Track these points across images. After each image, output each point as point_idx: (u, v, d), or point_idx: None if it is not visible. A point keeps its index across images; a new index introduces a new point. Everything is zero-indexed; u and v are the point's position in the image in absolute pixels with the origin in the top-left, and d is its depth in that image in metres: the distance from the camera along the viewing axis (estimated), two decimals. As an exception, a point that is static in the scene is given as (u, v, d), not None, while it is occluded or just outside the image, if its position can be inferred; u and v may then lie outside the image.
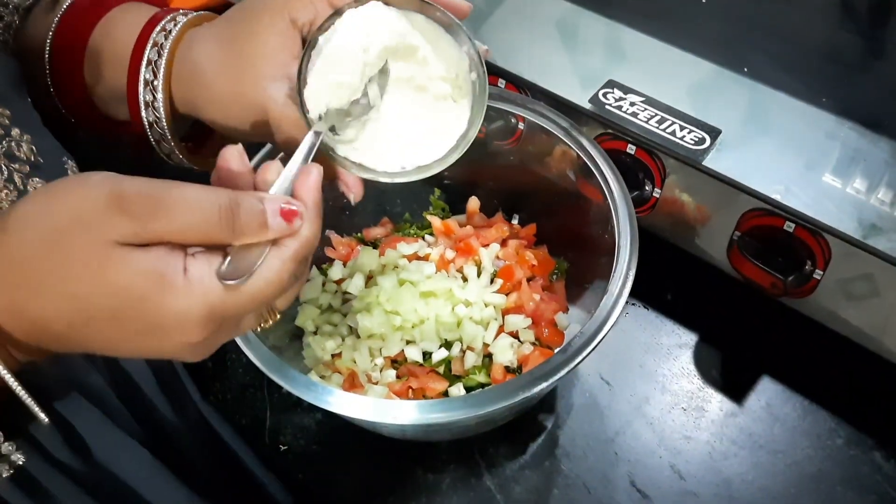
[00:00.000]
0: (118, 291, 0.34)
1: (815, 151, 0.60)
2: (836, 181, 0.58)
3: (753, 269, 0.60)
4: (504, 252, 0.64)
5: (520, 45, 0.70)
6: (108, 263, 0.33)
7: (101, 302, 0.34)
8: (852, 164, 0.58)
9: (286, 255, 0.37)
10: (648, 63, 0.68)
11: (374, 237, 0.68)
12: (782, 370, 0.63)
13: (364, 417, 0.47)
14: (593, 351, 0.48)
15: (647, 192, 0.65)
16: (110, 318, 0.34)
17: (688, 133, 0.61)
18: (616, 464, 0.59)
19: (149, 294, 0.34)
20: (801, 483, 0.58)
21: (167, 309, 0.34)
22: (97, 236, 0.33)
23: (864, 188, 0.57)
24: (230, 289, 0.35)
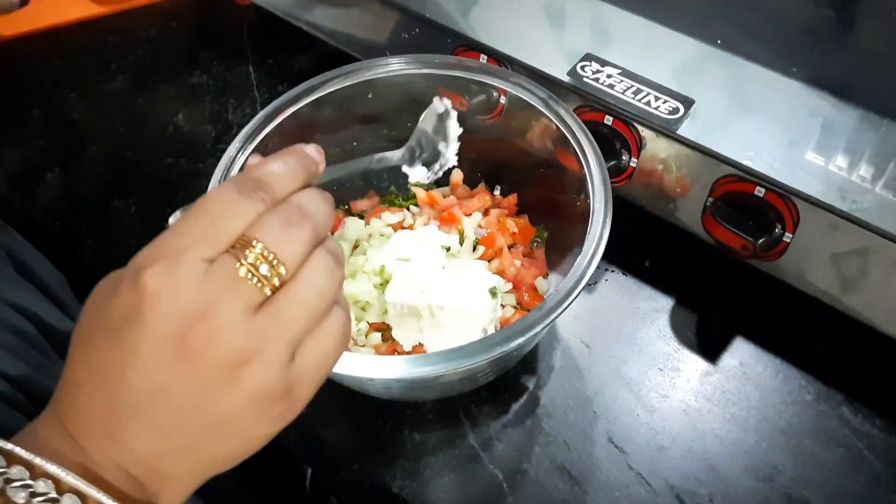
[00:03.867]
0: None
1: (786, 119, 0.62)
2: (805, 146, 0.60)
3: (725, 232, 0.62)
4: (486, 221, 0.66)
5: (503, 23, 0.72)
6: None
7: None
8: (822, 131, 0.61)
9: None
10: (625, 37, 0.70)
11: (361, 209, 0.70)
12: (754, 331, 0.66)
13: (350, 373, 0.49)
14: (568, 308, 0.50)
15: (625, 161, 0.67)
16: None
17: (662, 103, 0.63)
18: (595, 422, 0.62)
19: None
20: (772, 437, 0.60)
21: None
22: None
23: (833, 153, 0.59)
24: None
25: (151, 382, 0.32)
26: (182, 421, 0.33)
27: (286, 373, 0.33)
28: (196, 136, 0.85)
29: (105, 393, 0.32)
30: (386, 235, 0.65)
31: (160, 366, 0.31)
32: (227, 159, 0.60)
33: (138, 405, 0.32)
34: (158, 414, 0.32)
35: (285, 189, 0.35)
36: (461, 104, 0.69)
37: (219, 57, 0.93)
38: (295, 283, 0.33)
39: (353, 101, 0.67)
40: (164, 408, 0.32)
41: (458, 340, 0.58)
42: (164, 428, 0.33)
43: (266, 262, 0.32)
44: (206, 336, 0.31)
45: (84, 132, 0.87)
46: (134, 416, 0.32)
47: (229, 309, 0.31)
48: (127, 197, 0.80)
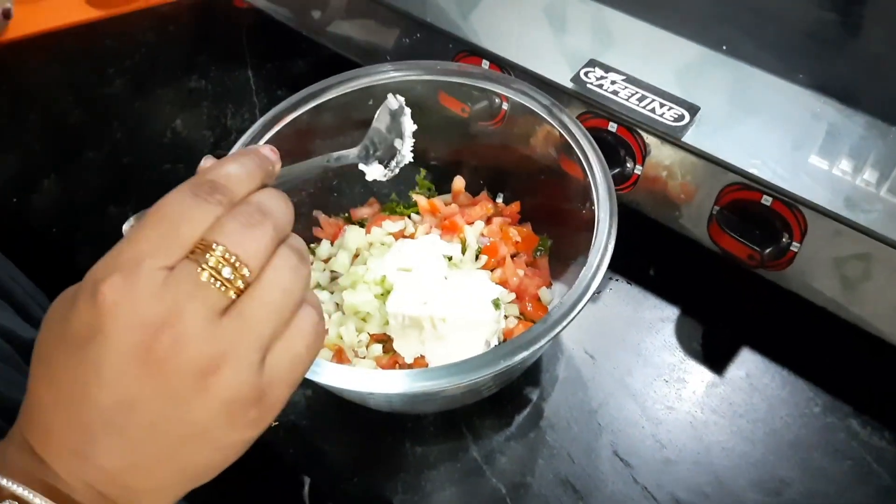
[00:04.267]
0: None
1: (792, 126, 0.61)
2: (812, 154, 0.59)
3: (731, 241, 0.61)
4: (488, 229, 0.65)
5: (503, 26, 0.71)
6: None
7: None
8: (828, 139, 0.60)
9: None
10: (629, 42, 0.69)
11: (361, 217, 0.69)
12: (761, 341, 0.65)
13: (352, 388, 0.48)
14: (573, 320, 0.49)
15: (629, 169, 0.66)
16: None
17: (667, 110, 0.63)
18: (599, 434, 0.61)
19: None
20: (779, 450, 0.59)
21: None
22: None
23: (840, 160, 0.58)
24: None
25: (118, 397, 0.30)
26: (152, 434, 0.31)
27: (257, 377, 0.32)
28: (194, 141, 0.84)
29: (71, 411, 0.31)
30: (387, 244, 0.64)
31: (126, 379, 0.30)
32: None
33: (106, 421, 0.31)
34: (127, 428, 0.31)
35: (242, 190, 0.34)
36: (463, 111, 0.68)
37: (217, 61, 0.92)
38: (259, 284, 0.32)
39: (352, 107, 0.66)
40: (133, 422, 0.31)
41: (461, 352, 0.57)
42: (134, 442, 0.31)
43: (228, 265, 0.31)
44: (172, 345, 0.30)
45: (81, 137, 0.86)
46: (102, 432, 0.31)
47: (193, 315, 0.30)
48: (124, 203, 0.79)
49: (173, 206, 0.32)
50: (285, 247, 0.34)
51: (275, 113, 0.62)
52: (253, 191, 0.34)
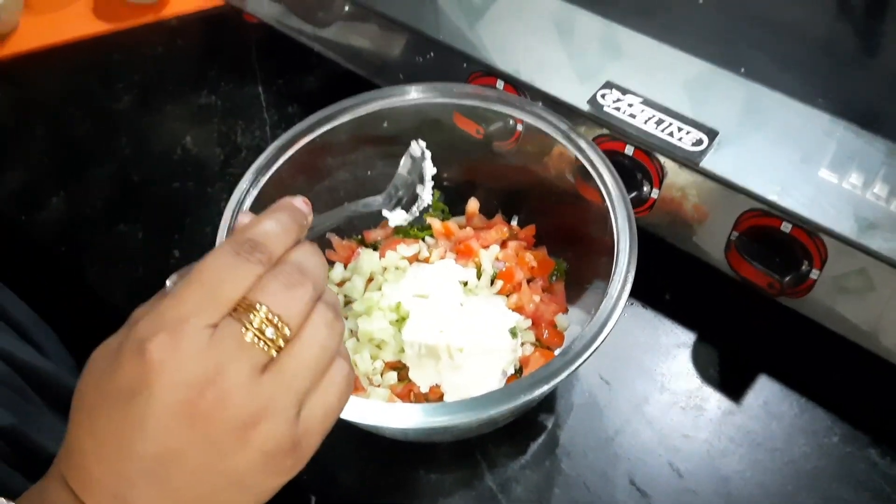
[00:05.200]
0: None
1: (811, 151, 0.60)
2: (832, 180, 0.58)
3: (751, 269, 0.60)
4: (504, 254, 0.64)
5: (518, 46, 0.70)
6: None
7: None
8: (848, 164, 0.59)
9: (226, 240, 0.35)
10: (646, 63, 0.68)
11: (375, 239, 0.68)
12: (779, 368, 0.64)
13: (367, 422, 0.47)
14: (593, 354, 0.49)
15: (646, 192, 0.65)
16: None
17: (685, 134, 0.62)
18: (616, 463, 0.60)
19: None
20: (797, 480, 0.58)
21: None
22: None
23: (860, 187, 0.57)
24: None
25: (161, 449, 0.32)
26: (194, 482, 0.33)
27: (294, 428, 0.33)
28: (204, 158, 0.83)
29: (113, 460, 0.32)
30: (401, 269, 0.63)
31: (170, 433, 0.31)
32: (239, 193, 0.59)
33: (148, 470, 0.32)
34: (170, 477, 0.32)
35: (281, 247, 0.35)
36: (477, 132, 0.68)
37: (227, 76, 0.91)
38: (299, 342, 0.34)
39: (367, 128, 0.65)
40: (176, 471, 0.32)
41: (477, 382, 0.56)
42: (174, 491, 0.33)
43: (271, 325, 0.33)
44: (216, 401, 0.31)
45: (89, 153, 0.85)
46: (144, 481, 0.32)
47: (237, 374, 0.32)
48: (134, 221, 0.78)
49: (216, 265, 0.33)
50: (322, 303, 0.35)
51: (289, 137, 0.61)
52: (291, 246, 0.36)
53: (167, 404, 0.31)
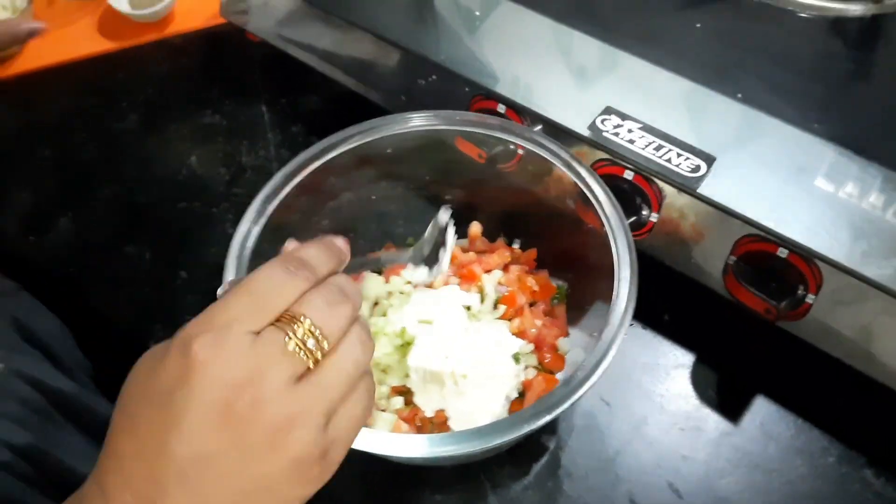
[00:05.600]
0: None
1: (807, 177, 0.61)
2: (827, 206, 0.59)
3: (748, 295, 0.61)
4: (506, 278, 0.66)
5: (519, 70, 0.71)
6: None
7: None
8: (843, 189, 0.60)
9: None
10: (644, 87, 0.69)
11: (378, 262, 0.70)
12: (776, 390, 0.65)
13: (374, 451, 0.48)
14: (595, 383, 0.50)
15: (644, 216, 0.67)
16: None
17: (684, 160, 0.63)
18: (616, 483, 0.61)
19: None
20: (794, 500, 0.60)
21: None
22: None
23: (856, 212, 0.59)
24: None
25: (195, 449, 0.33)
26: (224, 486, 0.34)
27: (323, 437, 0.35)
28: (209, 178, 0.84)
29: (150, 462, 0.33)
30: (406, 293, 0.64)
31: (205, 432, 0.33)
32: (247, 223, 0.59)
33: (182, 472, 0.33)
34: (201, 480, 0.33)
35: (324, 270, 0.38)
36: (479, 156, 0.69)
37: (230, 95, 0.92)
38: (336, 356, 0.36)
39: (371, 152, 0.66)
40: (207, 474, 0.33)
41: (481, 407, 0.58)
42: (205, 494, 0.34)
43: (312, 337, 0.35)
44: (252, 403, 0.33)
45: (95, 174, 0.86)
46: (177, 483, 0.33)
47: (275, 379, 0.33)
48: (141, 243, 0.79)
49: (265, 277, 0.36)
50: (357, 324, 0.37)
51: (296, 165, 0.63)
52: (330, 273, 0.38)
53: (205, 402, 0.32)
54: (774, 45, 0.72)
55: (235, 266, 0.57)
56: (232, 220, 0.80)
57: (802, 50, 0.72)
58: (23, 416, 0.54)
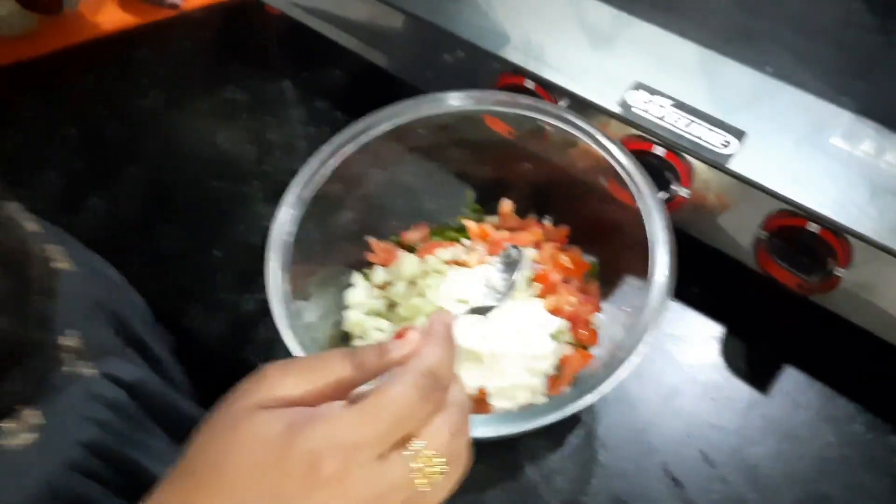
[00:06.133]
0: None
1: (836, 151, 0.62)
2: (859, 180, 0.60)
3: (780, 270, 0.63)
4: (539, 255, 0.67)
5: (547, 45, 0.71)
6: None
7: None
8: (874, 164, 0.61)
9: (408, 369, 0.37)
10: (673, 61, 0.69)
11: (412, 241, 0.71)
12: (805, 360, 0.67)
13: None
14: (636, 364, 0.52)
15: (674, 191, 0.67)
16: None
17: (714, 136, 0.64)
18: (650, 453, 0.63)
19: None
20: (822, 467, 0.62)
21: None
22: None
23: (885, 187, 0.59)
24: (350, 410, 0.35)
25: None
26: None
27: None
28: (237, 156, 0.85)
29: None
30: (441, 272, 0.65)
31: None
32: (287, 209, 0.60)
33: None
34: None
35: (451, 379, 0.39)
36: (509, 133, 0.69)
37: (252, 70, 0.92)
38: (447, 478, 0.37)
39: (402, 135, 0.67)
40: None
41: (521, 384, 0.59)
42: None
43: (433, 466, 0.36)
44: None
45: (121, 153, 0.86)
46: None
47: (392, 502, 0.35)
48: (172, 223, 0.80)
49: (400, 401, 0.35)
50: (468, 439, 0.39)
51: (329, 150, 0.63)
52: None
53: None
54: (804, 16, 0.72)
55: (276, 254, 0.58)
56: (262, 199, 0.80)
57: (833, 21, 0.72)
58: (109, 419, 0.55)
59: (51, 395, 0.50)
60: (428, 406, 0.36)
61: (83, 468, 0.51)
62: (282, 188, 0.62)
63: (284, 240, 0.59)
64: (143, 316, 0.69)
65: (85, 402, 0.53)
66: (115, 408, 0.55)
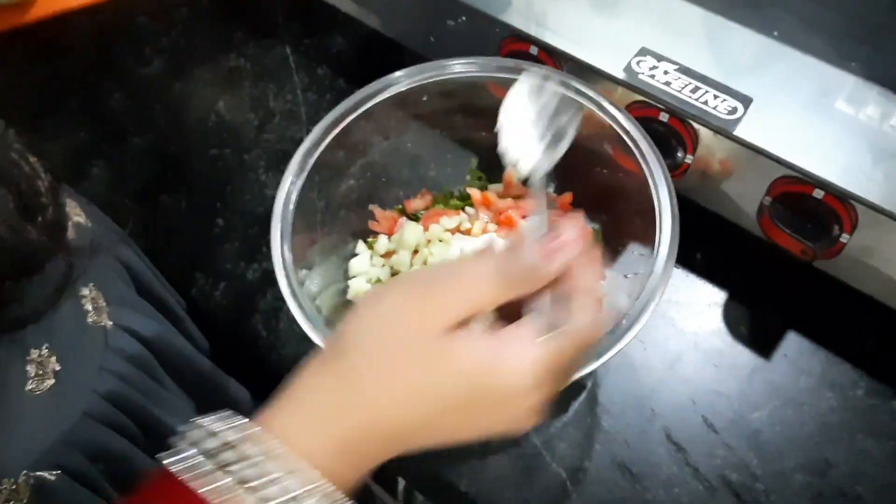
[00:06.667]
0: (469, 375, 0.36)
1: (843, 117, 0.61)
2: (865, 146, 0.60)
3: (784, 236, 0.62)
4: (543, 223, 0.66)
5: (550, 10, 0.70)
6: (450, 355, 0.36)
7: (456, 392, 0.36)
8: (881, 130, 0.60)
9: (589, 293, 0.38)
10: (678, 26, 0.68)
11: (415, 209, 0.70)
12: (807, 326, 0.67)
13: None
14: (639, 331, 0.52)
15: (679, 158, 0.67)
16: (465, 405, 0.37)
17: (721, 102, 0.63)
18: (653, 419, 0.64)
19: (493, 370, 0.36)
20: (824, 432, 0.62)
21: (510, 379, 0.36)
22: (428, 335, 0.36)
23: (891, 153, 0.59)
24: (556, 340, 0.37)
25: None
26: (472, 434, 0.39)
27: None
28: (239, 125, 0.84)
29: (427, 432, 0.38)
30: (445, 241, 0.65)
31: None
32: (290, 177, 0.60)
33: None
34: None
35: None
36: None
37: (254, 37, 0.91)
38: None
39: (406, 102, 0.66)
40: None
41: None
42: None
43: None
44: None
45: (124, 122, 0.86)
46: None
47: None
48: (175, 192, 0.80)
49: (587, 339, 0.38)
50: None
51: (334, 117, 0.63)
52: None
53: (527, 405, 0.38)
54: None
55: (280, 223, 0.58)
56: (264, 167, 0.80)
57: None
58: (128, 372, 0.56)
59: (66, 342, 0.50)
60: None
61: (102, 418, 0.52)
62: (285, 157, 0.61)
63: (288, 209, 0.59)
64: (158, 275, 0.70)
65: (102, 353, 0.54)
66: (133, 360, 0.56)
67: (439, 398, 0.36)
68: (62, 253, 0.44)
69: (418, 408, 0.36)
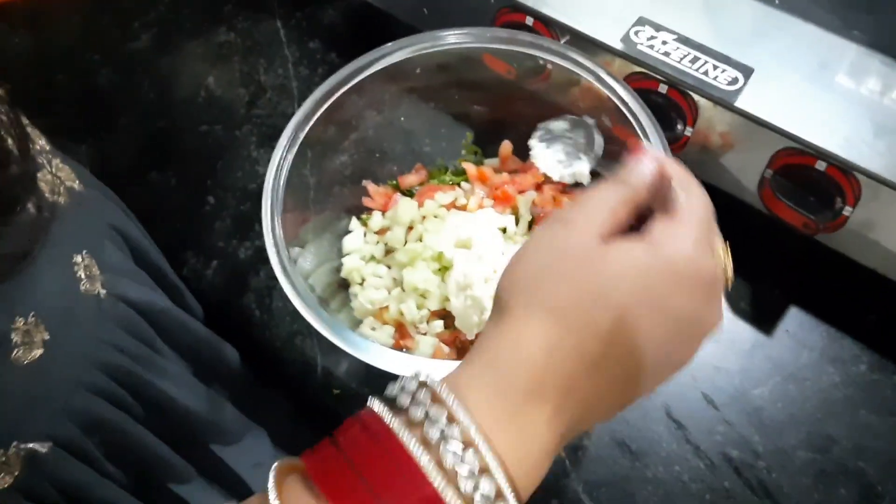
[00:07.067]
0: (649, 268, 0.37)
1: (845, 88, 0.60)
2: (867, 117, 0.59)
3: (786, 209, 0.61)
4: (540, 198, 0.65)
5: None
6: (618, 254, 0.37)
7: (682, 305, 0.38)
8: (884, 99, 0.59)
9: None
10: (677, -5, 0.67)
11: (410, 184, 0.69)
12: (809, 301, 0.66)
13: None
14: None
15: (679, 131, 0.66)
16: (651, 300, 0.37)
17: (721, 73, 0.62)
18: (652, 396, 0.63)
19: (661, 257, 0.37)
20: (826, 407, 0.62)
21: (682, 254, 0.38)
22: (588, 246, 0.37)
23: (893, 121, 0.58)
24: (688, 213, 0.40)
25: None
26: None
27: None
28: (229, 100, 0.83)
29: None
30: (440, 217, 0.64)
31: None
32: (280, 151, 0.59)
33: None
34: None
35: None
36: (508, 72, 0.67)
37: (244, 10, 0.89)
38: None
39: (399, 74, 0.65)
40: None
41: None
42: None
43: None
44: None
45: (113, 99, 0.84)
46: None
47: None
48: (165, 169, 0.79)
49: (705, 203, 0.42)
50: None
51: (325, 90, 0.61)
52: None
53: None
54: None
55: (271, 200, 0.57)
56: (255, 143, 0.79)
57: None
58: (124, 342, 0.55)
59: (57, 311, 0.48)
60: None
61: (96, 389, 0.51)
62: (276, 132, 0.60)
63: (279, 183, 0.58)
64: (154, 245, 0.69)
65: (95, 321, 0.53)
66: (128, 328, 0.55)
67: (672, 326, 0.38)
68: (33, 199, 0.43)
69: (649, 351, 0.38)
